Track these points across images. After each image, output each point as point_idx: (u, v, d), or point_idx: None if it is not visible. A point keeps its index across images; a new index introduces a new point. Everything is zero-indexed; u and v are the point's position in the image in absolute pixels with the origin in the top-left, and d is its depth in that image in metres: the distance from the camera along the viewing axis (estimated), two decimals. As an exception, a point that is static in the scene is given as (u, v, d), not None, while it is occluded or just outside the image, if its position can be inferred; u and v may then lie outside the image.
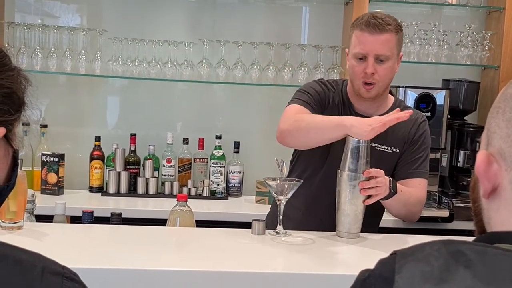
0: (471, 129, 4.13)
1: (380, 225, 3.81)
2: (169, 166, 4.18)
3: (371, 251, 2.52)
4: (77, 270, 1.16)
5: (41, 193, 3.94)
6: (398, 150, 2.87)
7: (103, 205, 3.83)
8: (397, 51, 2.77)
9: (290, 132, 2.70)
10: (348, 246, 2.62)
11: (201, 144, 4.23)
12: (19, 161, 2.44)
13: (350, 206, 2.64)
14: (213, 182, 4.19)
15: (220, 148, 4.22)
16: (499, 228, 1.00)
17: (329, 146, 2.77)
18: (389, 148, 2.85)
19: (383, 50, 2.71)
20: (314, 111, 2.77)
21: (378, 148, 2.82)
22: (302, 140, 2.72)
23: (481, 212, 1.05)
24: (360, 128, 2.52)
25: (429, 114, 3.97)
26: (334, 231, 2.72)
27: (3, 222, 2.50)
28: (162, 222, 2.83)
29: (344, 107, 2.87)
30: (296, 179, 2.63)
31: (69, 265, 1.15)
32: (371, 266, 1.04)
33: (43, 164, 3.99)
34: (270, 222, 2.79)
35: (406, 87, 4.00)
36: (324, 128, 2.63)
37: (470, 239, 1.03)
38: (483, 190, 1.01)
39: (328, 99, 2.86)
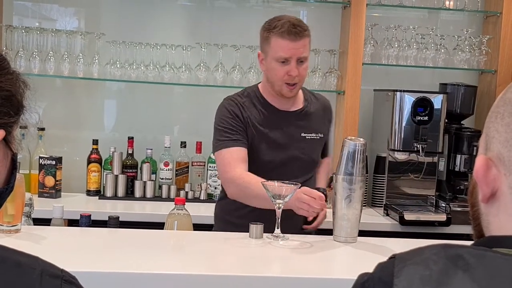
0: (468, 133, 4.13)
1: (378, 229, 3.83)
2: (166, 170, 4.18)
3: (370, 255, 2.52)
4: (75, 273, 1.16)
5: (39, 196, 3.94)
6: (323, 135, 3.14)
7: (101, 208, 3.83)
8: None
9: (238, 197, 2.92)
10: (346, 250, 2.62)
11: (199, 147, 4.23)
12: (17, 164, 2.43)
13: (350, 210, 2.64)
14: (210, 186, 4.18)
15: (217, 152, 4.21)
16: (498, 233, 1.00)
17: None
18: (317, 135, 3.10)
19: (304, 53, 2.92)
20: (245, 141, 2.96)
21: (309, 137, 3.07)
22: (249, 203, 2.89)
23: (480, 217, 1.05)
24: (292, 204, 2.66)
25: (426, 118, 3.98)
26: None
27: (1, 225, 2.49)
28: (159, 226, 2.83)
29: (266, 108, 3.03)
30: (294, 182, 2.63)
31: (67, 268, 1.15)
32: (370, 270, 1.04)
33: (41, 167, 3.98)
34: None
35: (404, 91, 4.00)
36: (260, 205, 2.80)
37: (468, 243, 1.03)
38: (482, 194, 1.02)
39: (246, 112, 3.00)
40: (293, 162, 3.02)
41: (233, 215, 3.04)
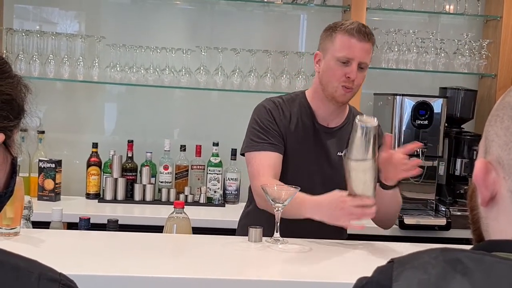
0: (468, 137, 4.13)
1: (377, 233, 3.82)
2: (166, 173, 4.18)
3: (369, 259, 2.52)
4: (74, 277, 1.16)
5: (38, 199, 3.93)
6: None
7: (100, 211, 3.82)
8: None
9: (266, 207, 2.70)
10: (345, 254, 2.61)
11: (198, 151, 4.23)
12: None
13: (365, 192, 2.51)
14: (210, 189, 4.18)
15: (217, 155, 4.22)
16: (498, 236, 1.00)
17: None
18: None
19: (366, 58, 2.77)
20: (281, 145, 2.81)
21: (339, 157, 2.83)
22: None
23: (479, 221, 1.05)
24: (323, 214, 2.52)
25: (426, 122, 3.98)
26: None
27: (0, 228, 2.49)
28: (159, 229, 2.82)
29: (308, 118, 2.88)
30: (294, 186, 2.62)
31: (66, 271, 1.15)
32: (369, 273, 1.04)
33: (40, 170, 3.98)
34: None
35: (403, 95, 4.00)
36: (288, 213, 2.59)
37: (468, 247, 1.03)
38: (481, 198, 1.01)
39: (286, 117, 2.85)
40: (318, 175, 2.88)
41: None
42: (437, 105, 4.01)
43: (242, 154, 2.95)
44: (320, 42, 2.89)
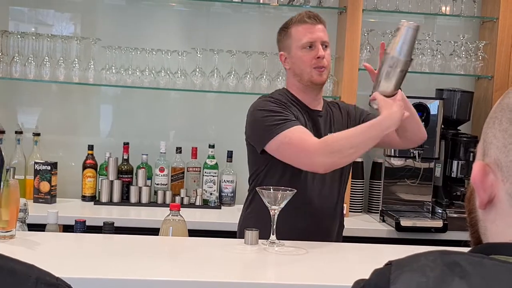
0: (464, 139, 4.13)
1: (374, 236, 3.83)
2: (162, 175, 4.17)
3: (366, 261, 2.52)
4: (69, 280, 1.15)
5: (34, 202, 3.92)
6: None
7: (96, 214, 3.82)
8: None
9: (334, 163, 2.69)
10: (342, 256, 2.61)
11: (194, 153, 4.22)
12: (11, 169, 2.43)
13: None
14: (206, 191, 4.18)
15: (213, 157, 4.21)
16: (496, 239, 0.99)
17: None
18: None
19: (325, 37, 2.93)
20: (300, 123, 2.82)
21: None
22: (346, 162, 2.77)
23: (477, 223, 1.05)
24: (392, 118, 2.63)
25: (423, 123, 3.97)
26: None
27: (-5, 231, 2.48)
28: (154, 231, 2.82)
29: (301, 107, 2.95)
30: (290, 188, 2.61)
31: (61, 274, 1.14)
32: (365, 276, 1.04)
33: (36, 172, 3.97)
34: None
35: (400, 96, 3.99)
36: (364, 143, 2.66)
37: (465, 249, 1.02)
38: (479, 201, 1.01)
39: (288, 106, 2.89)
40: None
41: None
42: (434, 106, 4.01)
43: (262, 152, 2.82)
44: (279, 45, 3.02)
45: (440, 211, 4.00)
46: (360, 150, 2.67)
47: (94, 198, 4.13)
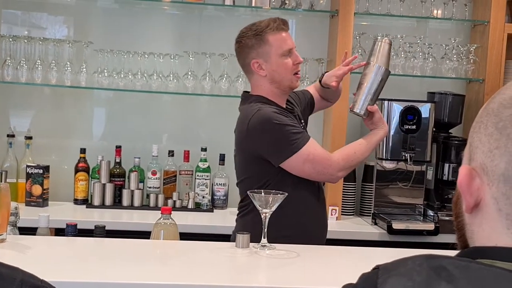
0: (456, 142, 4.14)
1: (366, 238, 3.84)
2: (154, 178, 4.17)
3: (355, 265, 2.52)
4: (59, 284, 1.15)
5: (26, 205, 3.92)
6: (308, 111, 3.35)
7: (88, 217, 3.82)
8: None
9: (347, 172, 3.02)
10: (332, 259, 2.62)
11: (187, 156, 4.22)
12: (3, 173, 2.43)
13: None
14: (198, 195, 4.18)
15: (205, 161, 4.21)
16: (482, 243, 1.00)
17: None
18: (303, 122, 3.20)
19: (294, 43, 3.07)
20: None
21: (303, 126, 3.13)
22: (364, 158, 3.08)
23: (464, 227, 1.05)
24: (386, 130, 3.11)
25: (414, 126, 3.98)
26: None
27: (-14, 235, 2.48)
28: (147, 235, 2.82)
29: (286, 110, 3.03)
30: (281, 192, 2.62)
31: (50, 278, 1.15)
32: (354, 280, 1.04)
33: (28, 176, 3.97)
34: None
35: (391, 100, 4.00)
36: (370, 150, 3.03)
37: (453, 252, 1.03)
38: (466, 205, 1.01)
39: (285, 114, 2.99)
40: None
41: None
42: (425, 109, 4.02)
43: (280, 163, 2.89)
44: (251, 51, 2.99)
45: (432, 214, 4.01)
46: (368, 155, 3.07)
47: (86, 202, 4.12)
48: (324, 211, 3.18)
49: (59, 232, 3.19)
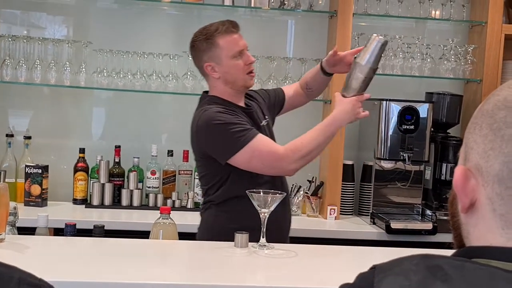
0: (454, 142, 4.15)
1: (364, 238, 3.85)
2: (153, 178, 4.17)
3: (352, 265, 2.53)
4: (57, 283, 1.16)
5: (25, 205, 3.92)
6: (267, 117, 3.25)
7: (87, 217, 3.82)
8: None
9: (301, 166, 2.94)
10: (331, 259, 2.62)
11: (186, 156, 4.23)
12: (1, 173, 2.43)
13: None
14: (197, 194, 4.18)
15: (204, 160, 4.21)
16: (477, 243, 1.01)
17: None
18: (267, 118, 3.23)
19: (245, 43, 3.10)
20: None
21: (266, 123, 3.17)
22: (312, 160, 2.99)
23: (460, 227, 1.06)
24: (345, 111, 3.01)
25: (412, 127, 3.99)
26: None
27: (-15, 234, 2.49)
28: (146, 234, 2.83)
29: (240, 109, 3.06)
30: (279, 191, 2.64)
31: (49, 278, 1.15)
32: (351, 280, 1.05)
33: (27, 175, 3.97)
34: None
35: (390, 100, 4.02)
36: (325, 141, 2.94)
37: (452, 252, 1.04)
38: (461, 205, 1.02)
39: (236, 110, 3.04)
40: None
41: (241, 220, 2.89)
42: (423, 110, 4.03)
43: (226, 160, 2.93)
44: (202, 55, 3.06)
45: (430, 214, 4.02)
46: (323, 148, 2.98)
47: (85, 201, 4.13)
48: (286, 204, 3.08)
49: (58, 232, 3.20)
